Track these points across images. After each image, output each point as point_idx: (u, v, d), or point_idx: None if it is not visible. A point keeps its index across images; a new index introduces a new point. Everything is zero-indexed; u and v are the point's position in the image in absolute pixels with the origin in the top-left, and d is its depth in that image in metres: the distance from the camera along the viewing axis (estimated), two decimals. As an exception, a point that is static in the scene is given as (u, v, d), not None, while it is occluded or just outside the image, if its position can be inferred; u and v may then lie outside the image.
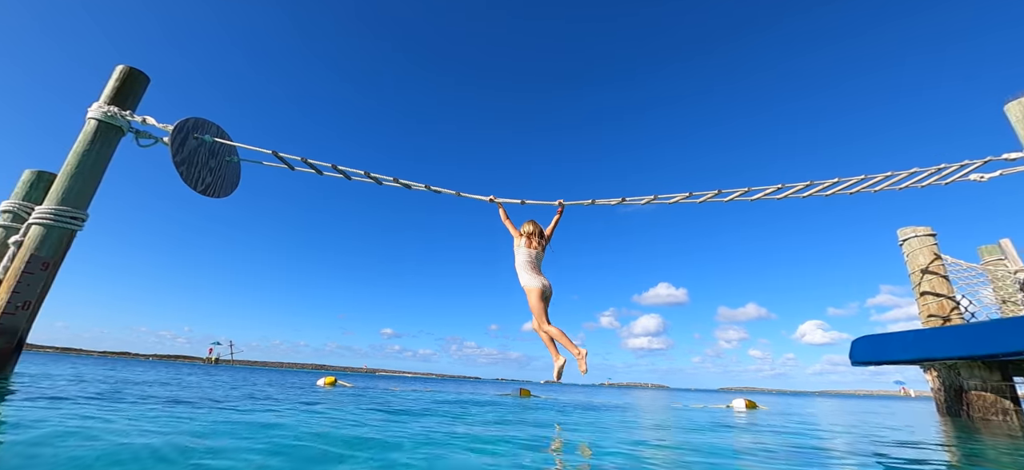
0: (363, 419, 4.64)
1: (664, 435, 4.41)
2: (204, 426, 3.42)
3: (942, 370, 8.52)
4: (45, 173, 7.15)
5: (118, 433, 2.82)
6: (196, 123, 7.07)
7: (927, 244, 9.95)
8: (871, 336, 8.11)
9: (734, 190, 6.73)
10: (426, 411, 6.11)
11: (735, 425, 6.07)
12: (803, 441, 4.37)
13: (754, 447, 3.72)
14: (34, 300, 6.23)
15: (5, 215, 6.77)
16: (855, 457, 3.53)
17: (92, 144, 7.09)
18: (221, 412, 4.53)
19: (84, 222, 6.88)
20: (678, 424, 5.94)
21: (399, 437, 3.41)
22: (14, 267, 6.24)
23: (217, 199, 7.57)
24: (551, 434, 4.31)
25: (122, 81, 7.63)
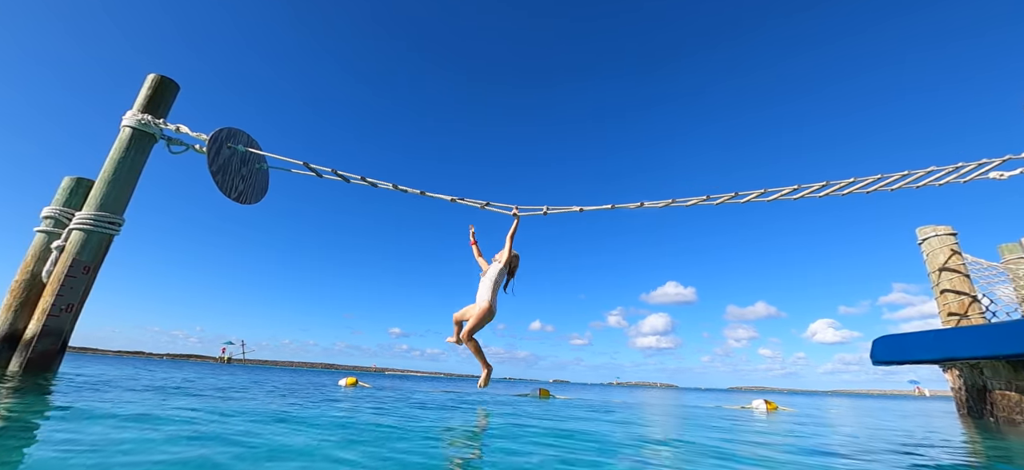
0: (424, 416, 4.80)
1: (702, 436, 4.50)
2: (294, 425, 3.58)
3: (965, 370, 8.48)
4: (84, 180, 7.40)
5: (207, 428, 2.99)
6: (229, 133, 7.28)
7: (947, 243, 9.90)
8: (892, 336, 8.09)
9: (750, 192, 6.78)
10: (463, 408, 6.26)
11: (764, 427, 6.13)
12: (834, 442, 4.43)
13: (792, 449, 3.81)
14: (76, 303, 6.48)
15: (47, 221, 7.02)
16: (887, 458, 3.60)
17: (127, 151, 7.33)
18: (275, 411, 4.71)
19: (121, 227, 7.13)
20: (709, 426, 6.00)
21: (476, 432, 3.55)
22: (57, 271, 6.49)
23: (248, 206, 7.77)
24: (586, 434, 4.42)
25: (154, 89, 7.87)
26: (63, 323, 6.30)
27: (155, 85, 7.90)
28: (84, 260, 6.57)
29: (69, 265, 6.43)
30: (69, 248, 6.57)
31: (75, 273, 6.46)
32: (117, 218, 7.01)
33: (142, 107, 7.69)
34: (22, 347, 6.12)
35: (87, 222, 6.72)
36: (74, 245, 6.58)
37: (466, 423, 4.52)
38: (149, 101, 7.76)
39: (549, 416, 5.87)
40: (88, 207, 6.88)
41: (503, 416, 5.47)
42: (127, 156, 7.31)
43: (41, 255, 6.80)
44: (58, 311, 6.24)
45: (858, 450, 3.96)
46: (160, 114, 7.84)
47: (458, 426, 4.17)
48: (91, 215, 6.76)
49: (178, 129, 7.64)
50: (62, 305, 6.29)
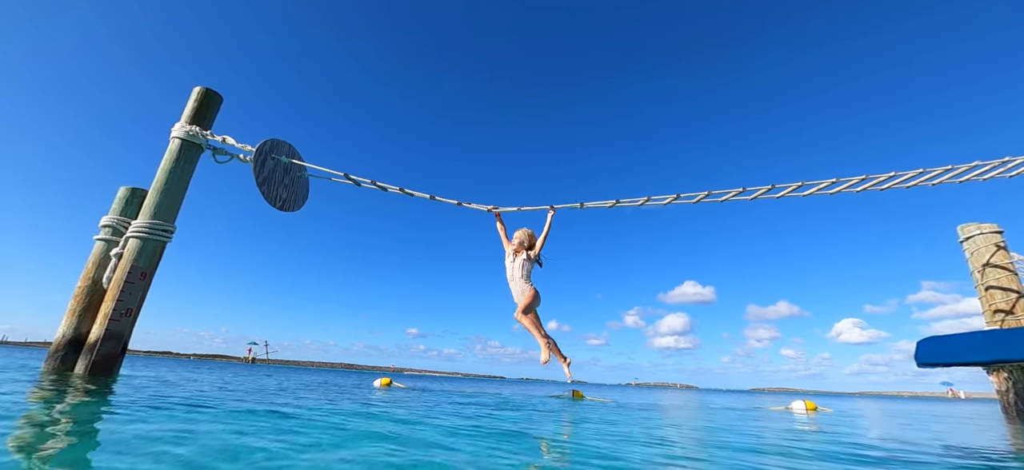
0: (509, 419, 4.91)
1: (757, 441, 4.49)
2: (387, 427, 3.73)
3: (1015, 372, 8.21)
4: (138, 190, 7.75)
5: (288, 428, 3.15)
6: (273, 144, 7.52)
7: (992, 240, 9.61)
8: (938, 337, 7.89)
9: (786, 185, 6.66)
10: (516, 410, 6.36)
11: (817, 429, 6.06)
12: (901, 446, 4.38)
13: (853, 453, 3.79)
14: (135, 308, 6.79)
15: (106, 229, 7.38)
16: (967, 464, 3.55)
17: (177, 161, 7.64)
18: (341, 413, 4.88)
19: (173, 234, 7.43)
20: (765, 428, 5.96)
21: (546, 431, 3.66)
22: (116, 278, 6.82)
23: (291, 213, 8.00)
24: (641, 438, 4.47)
25: (200, 101, 8.19)
26: (123, 327, 6.62)
27: (201, 98, 8.21)
28: (141, 266, 6.88)
29: (127, 271, 6.75)
30: (127, 255, 6.89)
31: (133, 279, 6.77)
32: (169, 226, 7.32)
33: (189, 119, 8.01)
34: (86, 350, 6.45)
35: (143, 230, 7.03)
36: (131, 252, 6.90)
37: (559, 428, 4.60)
38: (196, 113, 8.07)
39: (615, 419, 5.92)
40: (143, 216, 7.20)
41: (580, 419, 5.54)
42: (177, 166, 7.62)
43: (101, 262, 7.15)
44: (119, 316, 6.56)
45: (931, 455, 3.91)
46: (206, 125, 8.15)
47: (562, 432, 4.26)
48: (146, 223, 7.08)
49: (224, 140, 7.92)
50: (122, 310, 6.60)
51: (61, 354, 6.66)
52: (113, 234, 7.33)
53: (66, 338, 6.74)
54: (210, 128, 8.28)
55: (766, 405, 12.50)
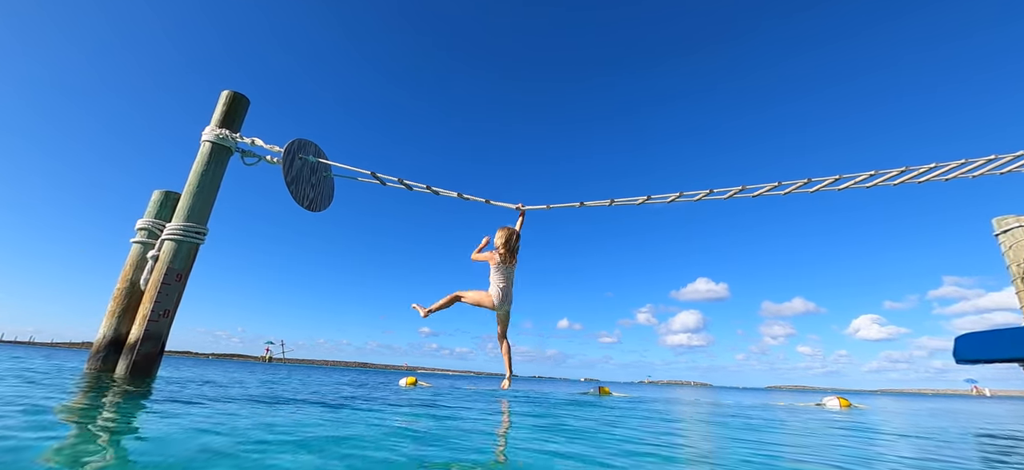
0: (540, 413, 4.92)
1: (798, 440, 4.41)
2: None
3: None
4: (172, 193, 7.89)
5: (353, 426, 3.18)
6: (300, 144, 7.60)
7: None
8: (978, 333, 7.64)
9: (823, 179, 6.48)
10: (551, 407, 6.36)
11: (861, 426, 5.94)
12: (945, 447, 4.26)
13: (908, 452, 3.69)
14: (172, 308, 6.93)
15: (142, 232, 7.53)
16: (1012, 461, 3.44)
17: (208, 165, 7.77)
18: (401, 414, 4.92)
19: (205, 236, 7.56)
20: (811, 425, 5.84)
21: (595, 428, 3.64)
22: (153, 279, 6.95)
23: (318, 213, 8.09)
24: (684, 436, 4.42)
25: (228, 105, 8.30)
26: (162, 328, 6.75)
27: (229, 101, 8.33)
28: (176, 268, 7.01)
29: (164, 273, 6.88)
30: (163, 257, 7.02)
31: (169, 280, 6.90)
32: (202, 228, 7.45)
33: (219, 122, 8.12)
34: (127, 351, 6.60)
35: (177, 232, 7.16)
36: (167, 254, 7.03)
37: (626, 426, 4.58)
38: (225, 116, 8.19)
39: (657, 417, 5.88)
40: (177, 218, 7.33)
41: (625, 415, 5.52)
42: (208, 169, 7.74)
43: (138, 264, 7.30)
44: (157, 316, 6.69)
45: (994, 451, 3.80)
46: (235, 128, 8.27)
47: (628, 427, 4.24)
48: (180, 226, 7.21)
49: (253, 142, 8.03)
50: (160, 311, 6.73)
51: (102, 355, 6.82)
52: (149, 236, 7.48)
53: (107, 339, 6.90)
54: (239, 130, 8.40)
55: (797, 402, 12.30)
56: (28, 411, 3.23)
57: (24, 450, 2.10)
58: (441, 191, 7.55)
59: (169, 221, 7.44)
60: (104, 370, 6.74)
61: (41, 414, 3.21)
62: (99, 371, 6.68)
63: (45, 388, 4.75)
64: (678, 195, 6.49)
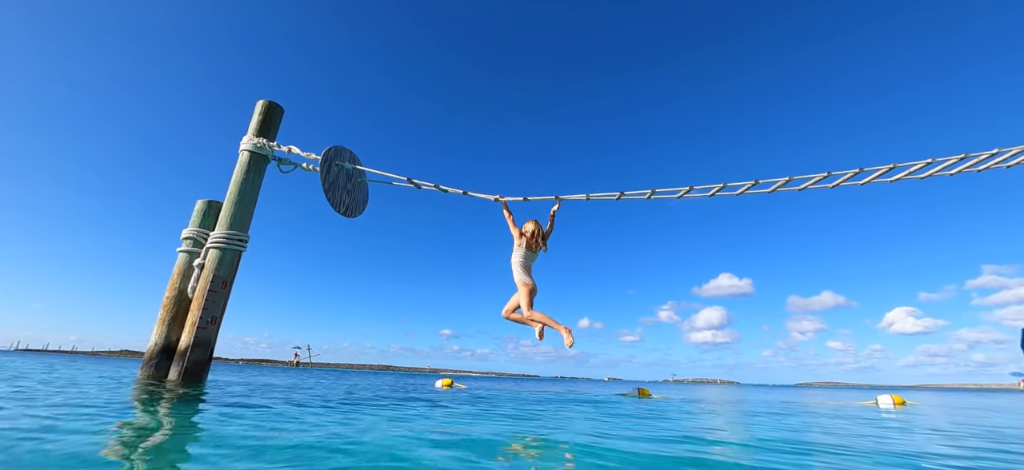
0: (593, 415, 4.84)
1: (900, 440, 4.19)
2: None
3: None
4: (214, 202, 8.07)
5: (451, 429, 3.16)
6: (336, 151, 7.67)
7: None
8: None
9: (876, 168, 6.17)
10: (612, 409, 6.26)
11: (932, 425, 5.63)
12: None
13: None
14: (219, 315, 7.07)
15: (187, 241, 7.72)
16: None
17: (247, 173, 7.91)
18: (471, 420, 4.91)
19: (247, 243, 7.70)
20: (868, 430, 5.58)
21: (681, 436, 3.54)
22: (200, 287, 7.11)
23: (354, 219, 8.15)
24: (781, 442, 4.24)
25: (264, 114, 8.44)
26: (210, 334, 6.90)
27: (264, 110, 8.47)
28: (222, 275, 7.16)
29: (210, 281, 7.03)
30: (208, 265, 7.18)
31: (215, 288, 7.04)
32: (244, 235, 7.58)
33: (256, 131, 8.27)
34: (178, 357, 6.76)
35: (221, 240, 7.31)
36: (212, 262, 7.19)
37: (679, 427, 4.46)
38: (261, 125, 8.33)
39: (707, 417, 5.71)
40: (220, 227, 7.49)
41: (672, 418, 5.38)
42: (247, 178, 7.88)
43: (185, 272, 7.48)
44: (205, 323, 6.84)
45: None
46: (271, 136, 8.40)
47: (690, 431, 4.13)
48: (223, 234, 7.36)
49: (290, 150, 8.15)
50: (207, 317, 6.88)
51: (155, 362, 7.01)
52: (194, 245, 7.66)
53: (158, 346, 7.09)
54: (274, 139, 8.54)
55: (858, 400, 11.79)
56: (100, 417, 3.30)
57: (107, 464, 2.11)
58: (478, 195, 7.51)
59: (212, 229, 7.61)
60: (157, 377, 6.92)
61: (108, 417, 3.28)
62: (153, 378, 6.86)
63: (110, 394, 4.88)
64: (688, 190, 6.23)
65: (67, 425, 2.88)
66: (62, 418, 3.14)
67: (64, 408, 3.64)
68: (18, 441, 2.36)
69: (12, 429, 2.67)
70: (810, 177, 6.08)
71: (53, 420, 3.04)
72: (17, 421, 2.96)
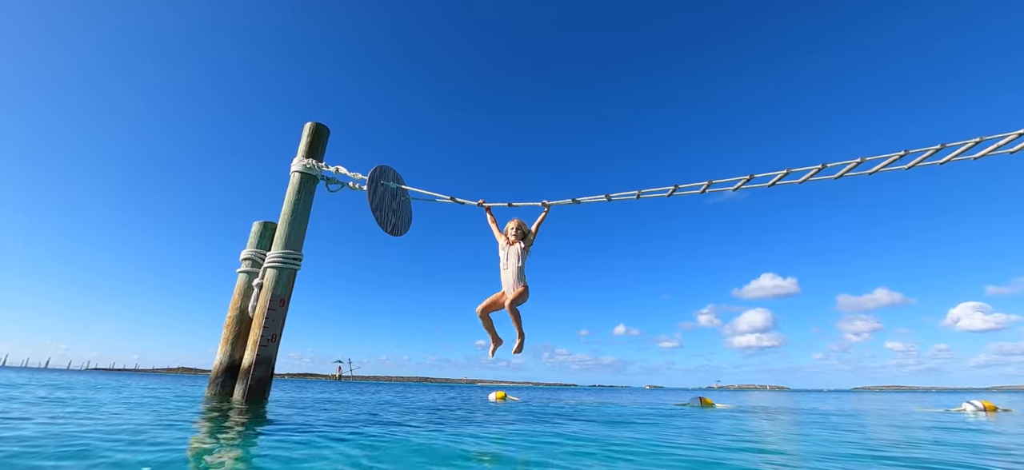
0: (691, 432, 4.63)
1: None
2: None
3: None
4: (269, 223, 8.34)
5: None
6: (381, 171, 7.78)
7: None
8: None
9: (923, 150, 5.51)
10: (693, 420, 5.99)
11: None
12: None
13: None
14: (278, 333, 7.24)
15: (246, 262, 8.00)
16: None
17: (299, 194, 8.12)
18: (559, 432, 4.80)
19: (301, 261, 7.89)
20: (979, 440, 5.05)
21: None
22: (260, 306, 7.32)
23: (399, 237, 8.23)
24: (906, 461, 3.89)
25: (312, 136, 8.68)
26: (271, 352, 7.07)
27: (312, 132, 8.71)
28: (280, 294, 7.34)
29: (269, 299, 7.22)
30: (266, 284, 7.38)
31: (274, 306, 7.23)
32: (298, 254, 7.77)
33: (305, 153, 8.51)
34: (242, 376, 6.95)
35: (277, 260, 7.52)
36: (270, 281, 7.39)
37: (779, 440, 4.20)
38: (310, 147, 8.56)
39: (793, 427, 5.36)
40: (275, 247, 7.70)
41: (753, 429, 5.08)
42: (299, 198, 8.10)
43: (245, 292, 7.74)
44: (266, 341, 7.01)
45: None
46: (319, 157, 8.62)
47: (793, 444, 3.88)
48: (279, 254, 7.56)
49: (338, 170, 8.33)
50: (268, 336, 7.06)
51: (220, 380, 7.26)
52: (252, 266, 7.92)
53: (223, 365, 7.34)
54: (322, 159, 8.76)
55: (928, 406, 10.84)
56: (178, 433, 3.36)
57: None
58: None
59: (269, 250, 7.84)
60: (223, 395, 7.15)
61: (186, 433, 3.33)
62: (219, 396, 7.09)
63: (185, 412, 5.04)
64: (708, 184, 5.82)
65: (151, 440, 2.93)
66: (146, 430, 3.21)
67: (144, 423, 3.75)
68: (107, 454, 2.39)
69: (105, 443, 2.73)
70: (845, 164, 5.55)
71: (139, 432, 3.11)
72: (116, 437, 3.04)
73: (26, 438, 3.00)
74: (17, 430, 3.33)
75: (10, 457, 2.40)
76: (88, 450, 2.67)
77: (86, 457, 2.47)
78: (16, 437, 3.02)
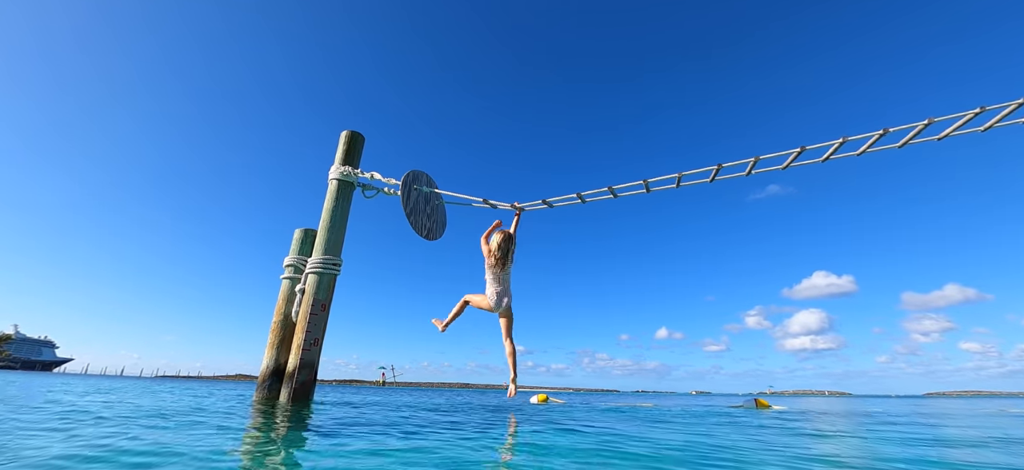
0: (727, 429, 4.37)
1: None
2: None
3: None
4: (310, 230, 8.60)
5: None
6: (414, 176, 7.83)
7: None
8: None
9: (1005, 105, 4.67)
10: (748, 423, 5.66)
11: None
12: None
13: None
14: (320, 337, 7.41)
15: (288, 268, 8.27)
16: None
17: (337, 201, 8.31)
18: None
19: (341, 266, 8.06)
20: None
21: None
22: (303, 311, 7.52)
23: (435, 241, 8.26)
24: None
25: (348, 144, 8.88)
26: (313, 356, 7.24)
27: (348, 140, 8.91)
28: (321, 299, 7.52)
29: (311, 304, 7.41)
30: (308, 290, 7.58)
31: (316, 311, 7.41)
32: (337, 259, 7.94)
33: (341, 160, 8.71)
34: (287, 379, 7.15)
35: (318, 266, 7.71)
36: (312, 287, 7.58)
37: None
38: (346, 154, 8.77)
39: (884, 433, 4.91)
40: (316, 253, 7.91)
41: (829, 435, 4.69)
42: (337, 205, 8.29)
43: (289, 298, 7.99)
44: (309, 345, 7.19)
45: None
46: (355, 164, 8.81)
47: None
48: (320, 260, 7.75)
49: (372, 176, 8.47)
50: (311, 340, 7.23)
51: (267, 384, 7.50)
52: (295, 272, 8.17)
53: (269, 369, 7.59)
54: (358, 166, 8.95)
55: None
56: (229, 432, 3.43)
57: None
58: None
59: (309, 256, 8.06)
60: (270, 398, 7.39)
61: (237, 431, 3.39)
62: (267, 399, 7.33)
63: (236, 414, 5.21)
64: (755, 161, 5.29)
65: (205, 437, 2.98)
66: (202, 426, 3.29)
67: (201, 425, 3.86)
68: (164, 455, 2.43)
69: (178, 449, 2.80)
70: (911, 127, 4.79)
71: (195, 425, 3.19)
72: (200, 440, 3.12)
73: (132, 449, 3.14)
74: (128, 430, 3.51)
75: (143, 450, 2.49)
76: (163, 449, 2.75)
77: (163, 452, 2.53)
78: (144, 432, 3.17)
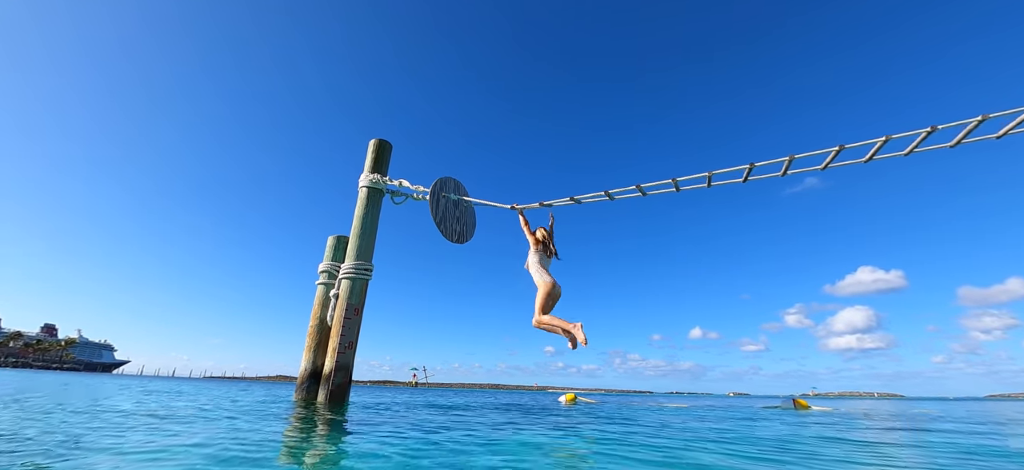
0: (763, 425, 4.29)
1: None
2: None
3: None
4: (342, 237, 8.88)
5: None
6: (442, 183, 7.99)
7: None
8: None
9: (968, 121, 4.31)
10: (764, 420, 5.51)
11: None
12: None
13: None
14: (354, 340, 7.64)
15: (323, 274, 8.57)
16: None
17: (367, 208, 8.55)
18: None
19: (372, 272, 8.28)
20: None
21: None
22: (337, 315, 7.77)
23: (464, 244, 8.40)
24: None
25: (376, 152, 9.11)
26: (348, 359, 7.47)
27: (376, 148, 9.15)
28: (354, 303, 7.75)
29: (345, 309, 7.65)
30: (342, 294, 7.83)
31: (350, 316, 7.64)
32: (369, 265, 8.16)
33: (370, 168, 8.95)
34: (324, 381, 7.41)
35: (350, 271, 7.95)
36: (345, 292, 7.83)
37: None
38: (375, 162, 9.00)
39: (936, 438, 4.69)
40: (348, 259, 8.16)
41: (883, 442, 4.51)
42: (367, 212, 8.52)
43: (324, 303, 8.27)
44: (343, 348, 7.42)
45: None
46: (383, 171, 9.03)
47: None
48: (352, 265, 7.99)
49: (401, 183, 8.67)
50: (345, 343, 7.47)
51: (305, 386, 7.80)
52: (329, 278, 8.46)
53: (307, 371, 7.89)
54: (386, 173, 9.17)
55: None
56: (270, 430, 3.59)
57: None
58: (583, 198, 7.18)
59: (342, 262, 8.33)
60: (308, 400, 7.67)
61: (278, 429, 3.55)
62: (305, 401, 7.62)
63: (277, 414, 5.44)
64: (790, 160, 5.05)
65: (249, 435, 3.14)
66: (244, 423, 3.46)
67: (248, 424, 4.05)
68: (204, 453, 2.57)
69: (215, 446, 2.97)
70: (965, 124, 4.55)
71: (235, 425, 3.36)
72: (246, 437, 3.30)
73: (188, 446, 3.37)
74: (190, 425, 3.76)
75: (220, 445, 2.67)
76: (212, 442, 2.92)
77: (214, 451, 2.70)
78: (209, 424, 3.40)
